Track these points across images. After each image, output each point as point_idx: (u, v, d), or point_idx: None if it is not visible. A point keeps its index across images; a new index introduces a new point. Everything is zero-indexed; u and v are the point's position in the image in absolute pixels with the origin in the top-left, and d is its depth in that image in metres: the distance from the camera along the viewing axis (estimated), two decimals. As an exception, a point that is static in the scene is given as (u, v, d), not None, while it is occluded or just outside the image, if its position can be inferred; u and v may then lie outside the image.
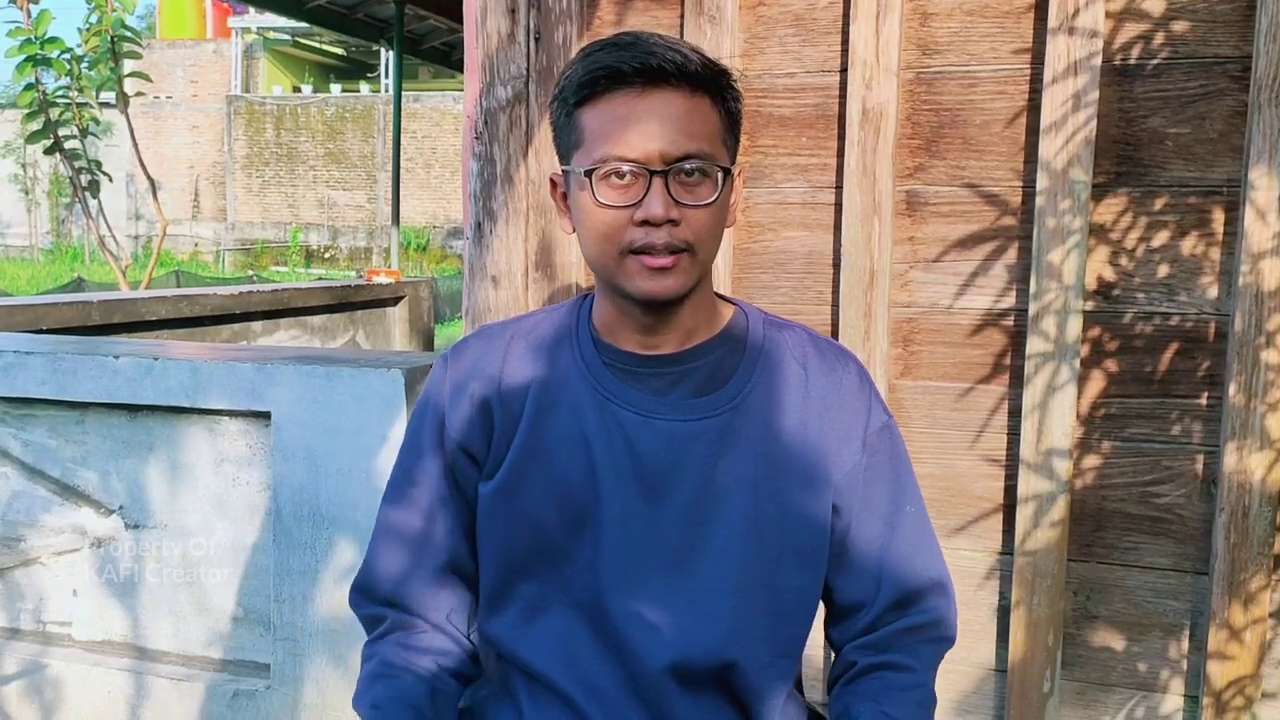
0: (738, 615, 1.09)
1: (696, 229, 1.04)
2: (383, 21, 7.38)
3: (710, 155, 1.04)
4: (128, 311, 3.79)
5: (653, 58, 1.01)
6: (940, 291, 1.85)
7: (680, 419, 1.10)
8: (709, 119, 1.04)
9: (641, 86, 1.02)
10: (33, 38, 4.99)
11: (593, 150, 1.04)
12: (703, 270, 1.07)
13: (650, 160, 1.02)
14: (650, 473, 1.09)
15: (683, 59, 1.02)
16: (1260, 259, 1.65)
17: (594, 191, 1.03)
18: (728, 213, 1.09)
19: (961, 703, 1.89)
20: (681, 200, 1.03)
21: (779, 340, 1.15)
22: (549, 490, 1.11)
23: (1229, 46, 1.68)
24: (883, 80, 1.81)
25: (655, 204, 1.02)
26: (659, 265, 1.03)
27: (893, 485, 1.15)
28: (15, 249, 25.62)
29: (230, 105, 25.03)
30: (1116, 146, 1.74)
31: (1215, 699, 1.73)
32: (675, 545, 1.09)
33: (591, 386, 1.11)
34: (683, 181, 1.03)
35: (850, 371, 1.15)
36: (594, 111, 1.04)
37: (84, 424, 2.20)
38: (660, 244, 1.03)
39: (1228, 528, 1.70)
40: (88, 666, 2.22)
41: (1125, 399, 1.77)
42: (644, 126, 1.02)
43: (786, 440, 1.10)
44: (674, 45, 1.03)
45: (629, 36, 1.05)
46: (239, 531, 2.13)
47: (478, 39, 2.02)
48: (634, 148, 1.02)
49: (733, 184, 1.09)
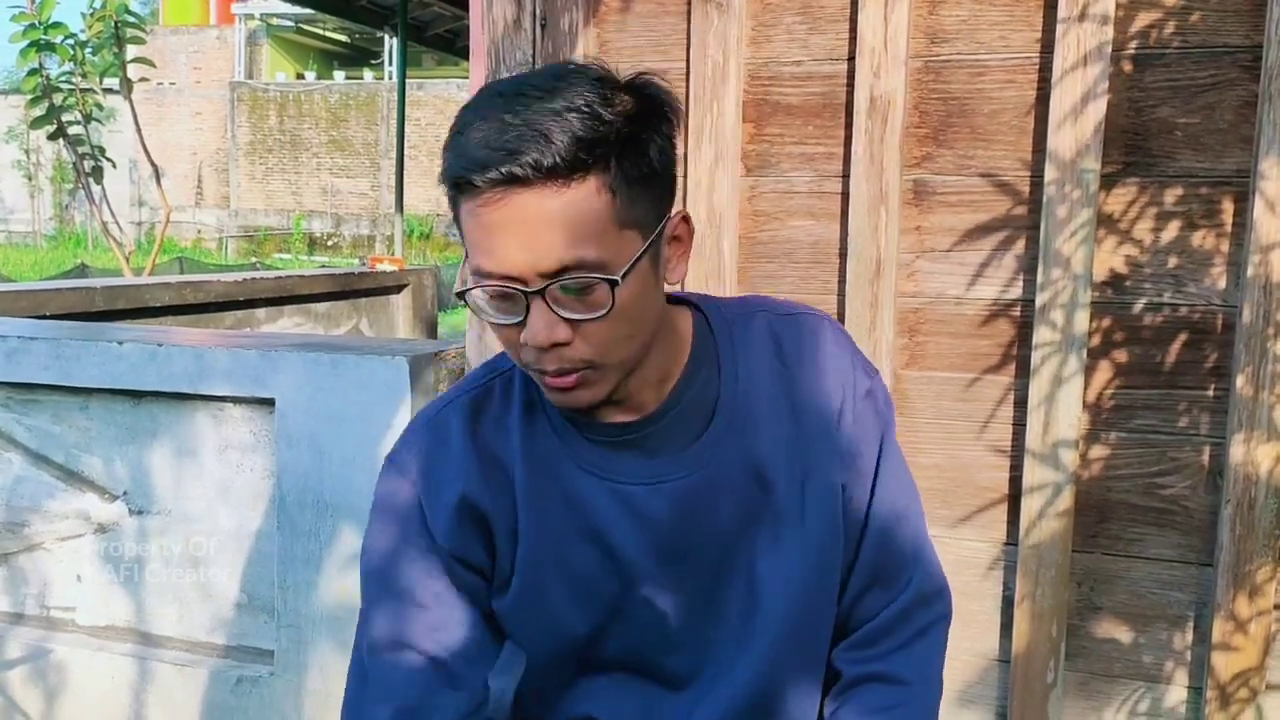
0: (783, 644, 1.03)
1: (596, 343, 0.88)
2: (386, 8, 7.35)
3: (594, 262, 0.85)
4: (131, 298, 3.79)
5: (505, 158, 0.82)
6: (947, 281, 1.84)
7: (684, 474, 0.99)
8: (591, 212, 0.84)
9: (502, 191, 0.83)
10: (37, 23, 4.98)
11: (471, 256, 0.88)
12: (624, 370, 0.93)
13: (522, 276, 0.85)
14: (670, 540, 1.00)
15: (540, 148, 0.82)
16: (1269, 250, 1.64)
17: (480, 305, 0.89)
18: (648, 291, 0.91)
19: (965, 693, 1.89)
20: (570, 315, 0.87)
21: (746, 337, 1.02)
22: (571, 593, 1.01)
23: (1240, 36, 1.67)
24: (891, 68, 1.80)
25: (537, 331, 0.87)
26: (559, 385, 0.91)
27: (873, 456, 1.04)
28: (19, 235, 25.62)
29: (233, 92, 24.99)
30: (1126, 136, 1.73)
31: (1220, 690, 1.73)
32: (711, 593, 1.02)
33: (582, 469, 0.99)
34: (569, 296, 0.86)
35: (825, 338, 1.03)
36: (465, 211, 0.87)
37: (88, 410, 2.20)
38: (552, 368, 0.89)
39: (1233, 519, 1.70)
40: (91, 652, 2.22)
41: (1132, 390, 1.77)
42: (507, 239, 0.84)
43: (792, 446, 1.01)
44: (540, 127, 0.83)
45: (496, 107, 0.85)
46: (243, 518, 2.13)
47: (484, 25, 2.01)
48: (501, 263, 0.85)
49: (656, 250, 0.91)
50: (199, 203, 25.45)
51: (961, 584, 1.85)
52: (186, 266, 12.42)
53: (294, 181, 24.96)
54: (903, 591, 1.07)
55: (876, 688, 1.05)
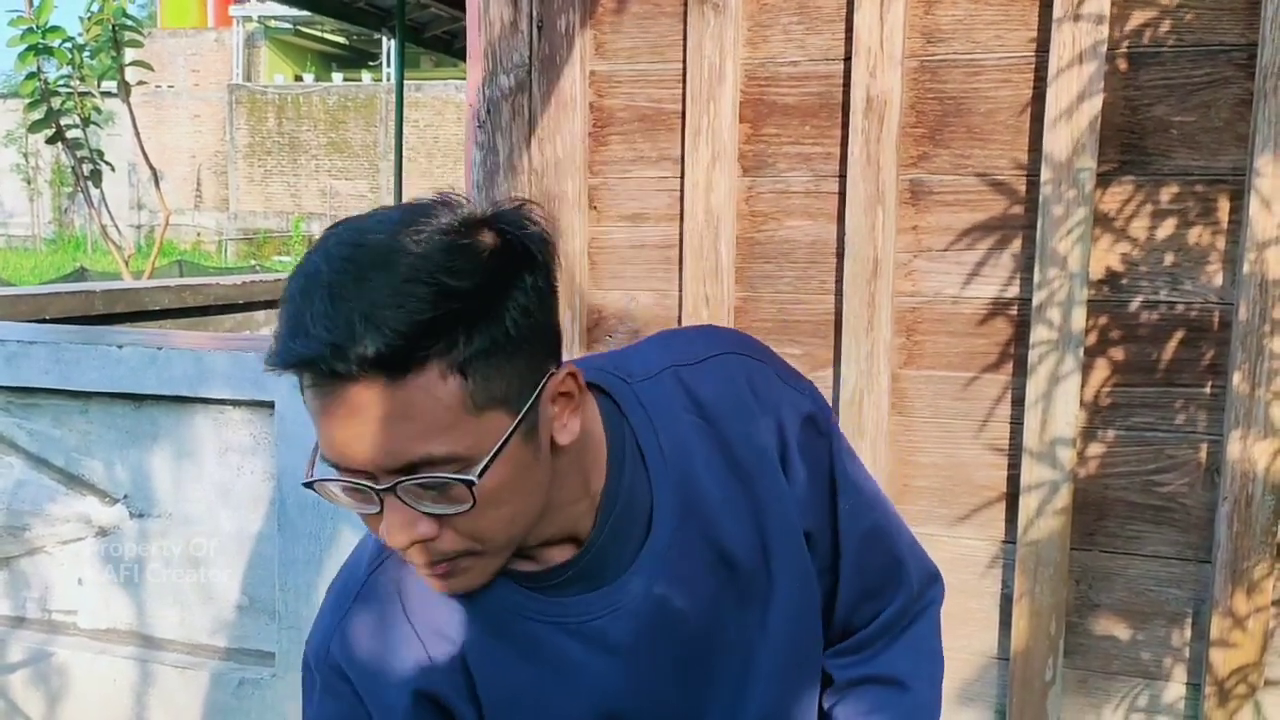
0: (775, 697, 0.97)
1: (466, 534, 0.78)
2: (384, 10, 7.35)
3: (446, 457, 0.73)
4: (131, 301, 3.80)
5: (322, 357, 0.70)
6: (944, 281, 1.85)
7: (641, 587, 0.89)
8: (436, 404, 0.72)
9: (327, 384, 0.71)
10: (34, 26, 4.99)
11: (320, 441, 0.76)
12: (507, 550, 0.82)
13: (369, 471, 0.74)
14: (646, 659, 0.91)
15: (364, 346, 0.69)
16: (1265, 247, 1.64)
17: (331, 495, 0.78)
18: (533, 464, 0.79)
19: (964, 691, 1.89)
20: (431, 509, 0.75)
21: (660, 406, 0.90)
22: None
23: (1235, 34, 1.67)
24: (887, 68, 1.81)
25: (394, 532, 0.76)
26: (434, 575, 0.81)
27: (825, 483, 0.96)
28: (18, 239, 25.61)
29: (232, 94, 24.99)
30: (1121, 135, 1.74)
31: (1218, 687, 1.74)
32: (696, 684, 0.94)
33: (534, 620, 0.89)
34: (425, 488, 0.74)
35: (743, 380, 0.91)
36: (304, 396, 0.75)
37: (88, 413, 2.20)
38: (421, 562, 0.79)
39: (1231, 516, 1.70)
40: (93, 655, 2.23)
41: (1129, 388, 1.77)
42: (345, 433, 0.73)
43: (740, 511, 0.91)
44: (364, 314, 0.69)
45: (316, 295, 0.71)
46: (243, 521, 2.13)
47: (480, 27, 2.02)
48: (345, 458, 0.74)
49: (536, 420, 0.78)
50: (198, 205, 25.45)
51: (960, 582, 1.85)
52: (186, 269, 12.41)
53: (293, 184, 24.96)
54: (894, 598, 1.02)
55: (872, 689, 1.03)
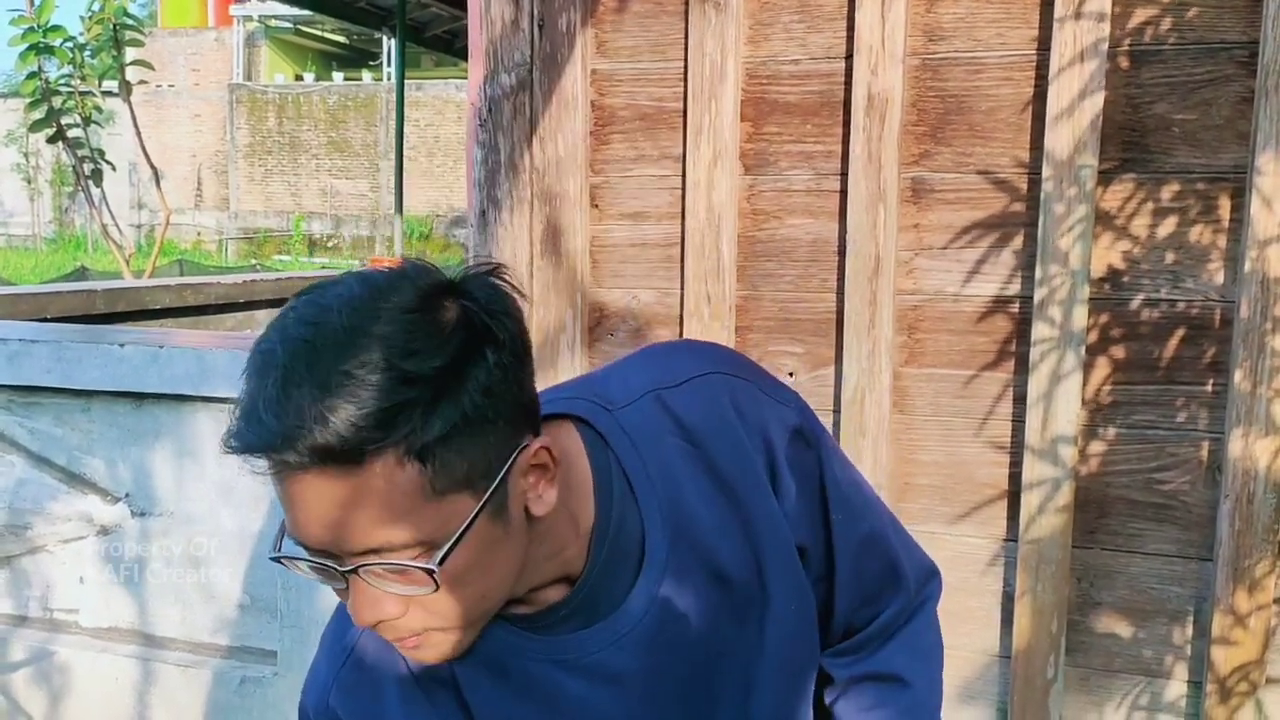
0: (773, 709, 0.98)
1: (434, 613, 0.76)
2: (385, 9, 7.36)
3: (404, 544, 0.72)
4: (132, 300, 3.80)
5: (272, 446, 0.69)
6: (946, 279, 1.85)
7: (640, 616, 0.88)
8: (391, 491, 0.70)
9: (282, 468, 0.70)
10: (35, 26, 4.99)
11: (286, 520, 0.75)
12: (480, 622, 0.81)
13: (330, 552, 0.73)
14: (651, 688, 0.91)
15: (313, 438, 0.68)
16: (1266, 245, 1.65)
17: (299, 568, 0.77)
18: (503, 537, 0.77)
19: (965, 689, 1.89)
20: (396, 590, 0.74)
21: (644, 432, 0.89)
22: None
23: (1236, 32, 1.67)
24: (888, 66, 1.81)
25: (358, 608, 0.75)
26: (404, 648, 0.80)
27: (816, 500, 0.95)
28: (18, 238, 25.62)
29: (232, 94, 24.99)
30: (1123, 132, 1.74)
31: (1219, 685, 1.74)
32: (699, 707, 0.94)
33: (535, 660, 0.89)
34: (382, 579, 0.74)
35: (726, 400, 0.90)
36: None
37: (90, 412, 2.20)
38: (391, 639, 0.78)
39: (1232, 514, 1.70)
40: (95, 653, 2.23)
41: (1131, 385, 1.77)
42: (302, 515, 0.72)
43: (732, 532, 0.90)
44: (316, 403, 0.68)
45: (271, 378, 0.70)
46: (245, 519, 2.13)
47: (482, 25, 2.02)
48: (308, 538, 0.73)
49: (506, 498, 0.77)
50: (198, 205, 25.45)
51: (961, 580, 1.86)
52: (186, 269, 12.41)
53: (293, 183, 24.96)
54: (892, 601, 1.03)
55: (870, 685, 1.03)
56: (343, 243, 24.11)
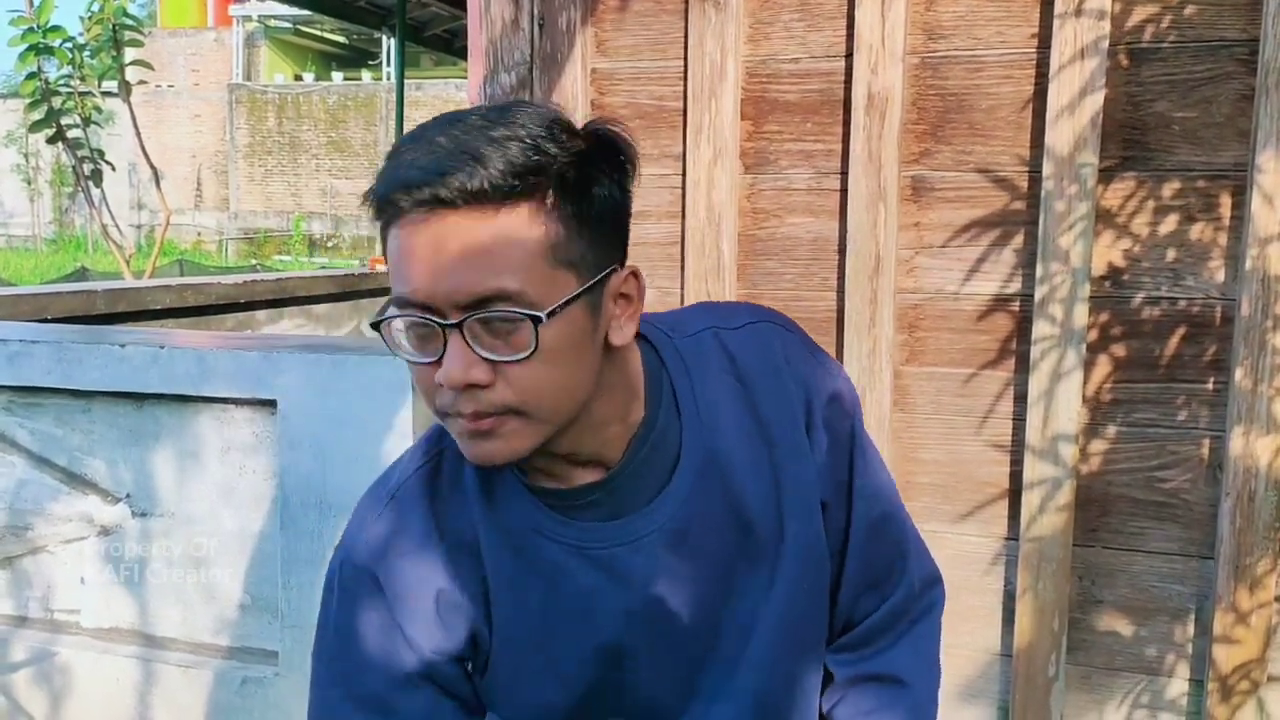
0: (774, 669, 1.00)
1: (519, 388, 0.80)
2: (384, 9, 7.35)
3: (517, 294, 0.77)
4: (132, 300, 3.80)
5: (432, 179, 0.76)
6: (946, 277, 1.85)
7: (657, 527, 0.92)
8: (521, 241, 0.77)
9: (425, 213, 0.77)
10: (35, 26, 4.99)
11: (393, 287, 0.81)
12: (550, 425, 0.84)
13: (440, 308, 0.78)
14: (655, 597, 0.94)
15: (470, 170, 0.76)
16: (1267, 243, 1.64)
17: (390, 339, 0.82)
18: (583, 342, 0.83)
19: (967, 687, 1.89)
20: (488, 355, 0.79)
21: (699, 361, 0.95)
22: (552, 672, 0.96)
23: (1236, 29, 1.67)
24: (888, 65, 1.81)
25: (451, 368, 0.79)
26: (475, 429, 0.82)
27: (844, 463, 0.99)
28: (18, 239, 25.62)
29: (232, 94, 24.99)
30: (1123, 130, 1.74)
31: (1221, 683, 1.74)
32: (699, 639, 0.97)
33: (553, 541, 0.92)
34: (489, 331, 0.79)
35: (779, 348, 0.96)
36: (390, 236, 0.81)
37: (90, 412, 2.20)
38: (468, 411, 0.81)
39: (1233, 512, 1.70)
40: (96, 654, 2.23)
41: (1131, 384, 1.77)
42: (425, 266, 0.78)
43: (763, 470, 0.95)
44: (473, 148, 0.77)
45: (432, 129, 0.80)
46: (246, 519, 2.13)
47: (481, 25, 2.02)
48: (418, 291, 0.78)
49: (602, 298, 0.83)
50: (198, 205, 25.45)
51: (963, 579, 1.86)
52: (186, 269, 12.42)
53: (293, 183, 24.96)
54: (894, 590, 1.04)
55: (871, 687, 1.04)
56: (343, 243, 24.11)
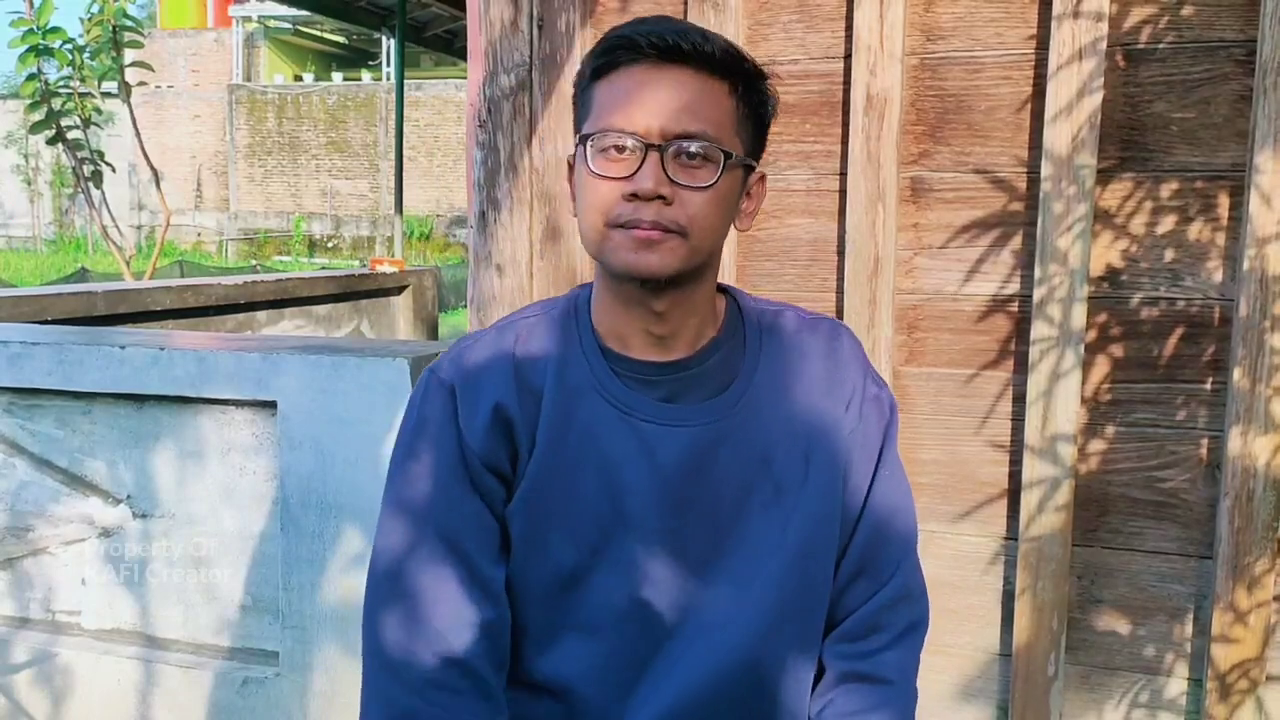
0: (774, 612, 1.07)
1: (690, 211, 0.99)
2: (384, 9, 7.36)
3: (714, 138, 1.00)
4: (132, 302, 3.80)
5: (670, 35, 0.99)
6: (945, 278, 1.85)
7: (699, 423, 1.06)
8: (721, 104, 1.01)
9: (655, 61, 0.99)
10: (35, 28, 4.99)
11: (598, 120, 1.01)
12: (695, 257, 1.02)
13: (649, 134, 0.98)
14: (675, 484, 1.05)
15: (701, 40, 0.99)
16: (1265, 243, 1.65)
17: (589, 160, 1.00)
18: (732, 206, 1.04)
19: (966, 687, 1.89)
20: (676, 179, 0.99)
21: (775, 325, 1.13)
22: (568, 521, 1.06)
23: (1234, 30, 1.67)
24: (887, 66, 1.81)
25: (646, 177, 0.98)
26: (644, 237, 0.99)
27: (876, 451, 1.13)
28: (18, 240, 25.63)
29: (232, 94, 24.99)
30: (1121, 131, 1.74)
31: (1219, 682, 1.74)
32: (705, 552, 1.07)
33: (606, 401, 1.06)
34: (681, 162, 0.99)
35: (843, 344, 1.13)
36: (606, 84, 1.01)
37: (91, 414, 2.21)
38: (647, 220, 0.98)
39: (1232, 512, 1.71)
40: (97, 655, 2.23)
41: (1130, 384, 1.77)
42: (648, 101, 0.99)
43: (799, 425, 1.09)
44: (700, 30, 1.01)
45: (658, 16, 1.04)
46: (246, 520, 2.14)
47: (481, 26, 2.02)
48: (634, 121, 0.99)
49: (744, 181, 1.05)
50: (198, 206, 25.45)
51: (962, 578, 1.86)
52: (186, 270, 12.43)
53: (293, 183, 24.97)
54: (889, 582, 1.12)
55: (863, 688, 1.10)
56: (343, 243, 24.11)
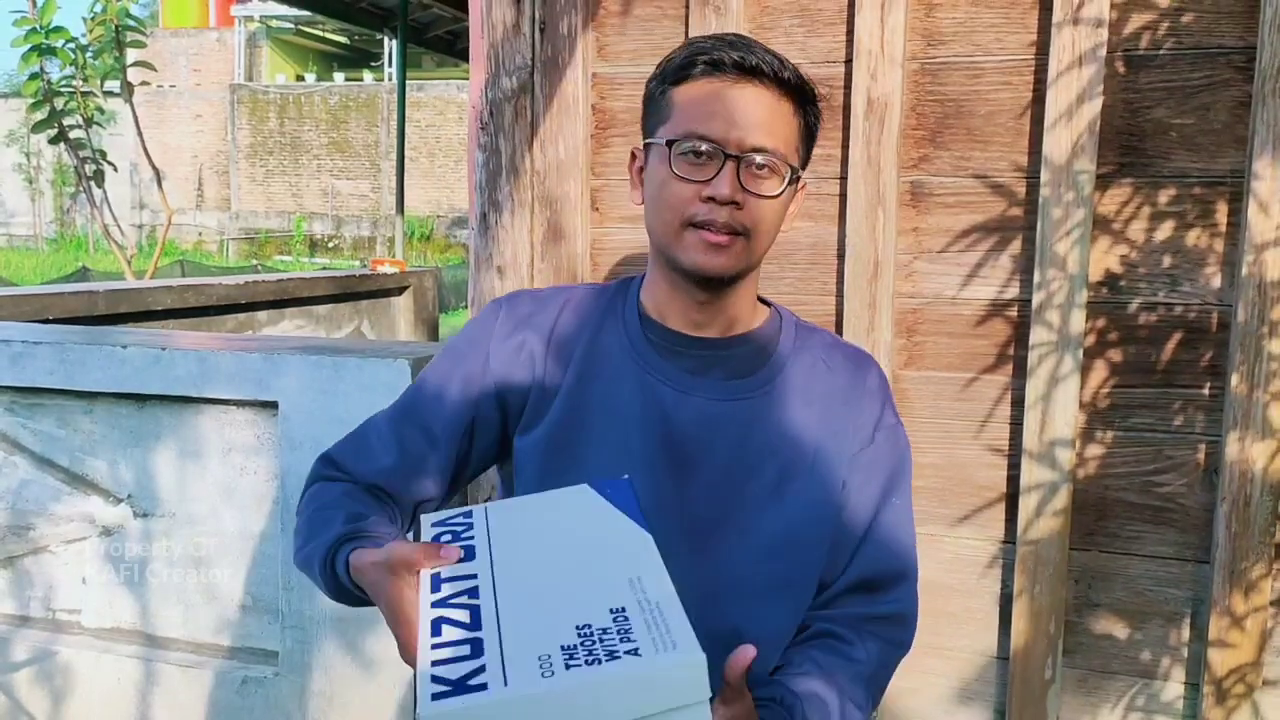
0: (755, 588, 1.12)
1: (756, 216, 1.11)
2: (386, 10, 7.37)
3: (783, 154, 1.11)
4: (134, 301, 3.81)
5: (752, 55, 1.10)
6: (944, 282, 1.86)
7: (715, 398, 1.15)
8: (789, 123, 1.13)
9: (735, 78, 1.10)
10: (38, 27, 5.00)
11: (679, 125, 1.11)
12: (753, 259, 1.15)
13: (728, 144, 1.09)
14: (681, 447, 1.14)
15: (779, 64, 1.11)
16: (1263, 250, 1.65)
17: (671, 163, 1.11)
18: (785, 213, 1.16)
19: (964, 690, 1.90)
20: (748, 187, 1.10)
21: (808, 340, 1.23)
22: (584, 457, 1.15)
23: (1234, 37, 1.68)
24: (887, 71, 1.82)
25: (724, 183, 1.09)
26: (716, 241, 1.10)
27: (887, 477, 1.20)
28: (20, 238, 25.63)
29: (234, 94, 25.00)
30: (1121, 137, 1.75)
31: (1216, 686, 1.74)
32: (699, 519, 1.13)
33: (634, 360, 1.17)
34: (753, 172, 1.10)
35: (872, 375, 1.23)
36: (687, 90, 1.12)
37: (92, 413, 2.21)
38: (721, 221, 1.10)
39: (1229, 517, 1.71)
40: (97, 653, 2.24)
41: (1128, 389, 1.78)
42: (730, 113, 1.09)
43: (810, 426, 1.16)
44: (774, 53, 1.12)
45: (735, 35, 1.15)
46: (247, 520, 2.14)
47: (483, 29, 2.03)
48: (716, 130, 1.09)
49: (795, 191, 1.17)
50: (200, 205, 25.45)
51: (959, 582, 1.86)
52: (188, 269, 12.43)
53: (294, 183, 24.97)
54: (886, 601, 1.17)
55: (835, 643, 1.14)
56: (344, 243, 24.11)
